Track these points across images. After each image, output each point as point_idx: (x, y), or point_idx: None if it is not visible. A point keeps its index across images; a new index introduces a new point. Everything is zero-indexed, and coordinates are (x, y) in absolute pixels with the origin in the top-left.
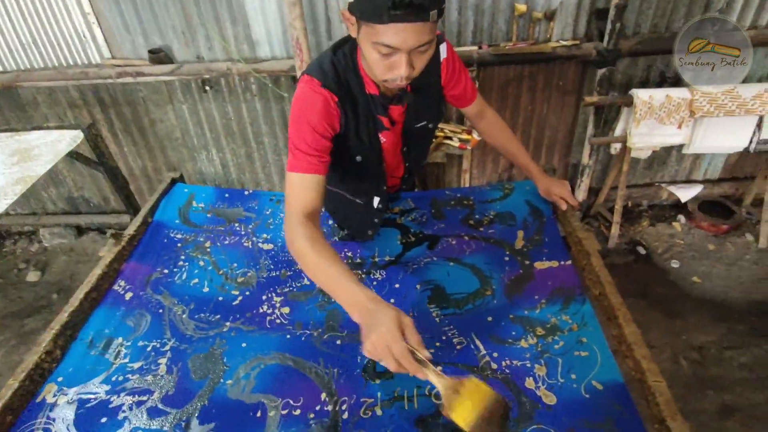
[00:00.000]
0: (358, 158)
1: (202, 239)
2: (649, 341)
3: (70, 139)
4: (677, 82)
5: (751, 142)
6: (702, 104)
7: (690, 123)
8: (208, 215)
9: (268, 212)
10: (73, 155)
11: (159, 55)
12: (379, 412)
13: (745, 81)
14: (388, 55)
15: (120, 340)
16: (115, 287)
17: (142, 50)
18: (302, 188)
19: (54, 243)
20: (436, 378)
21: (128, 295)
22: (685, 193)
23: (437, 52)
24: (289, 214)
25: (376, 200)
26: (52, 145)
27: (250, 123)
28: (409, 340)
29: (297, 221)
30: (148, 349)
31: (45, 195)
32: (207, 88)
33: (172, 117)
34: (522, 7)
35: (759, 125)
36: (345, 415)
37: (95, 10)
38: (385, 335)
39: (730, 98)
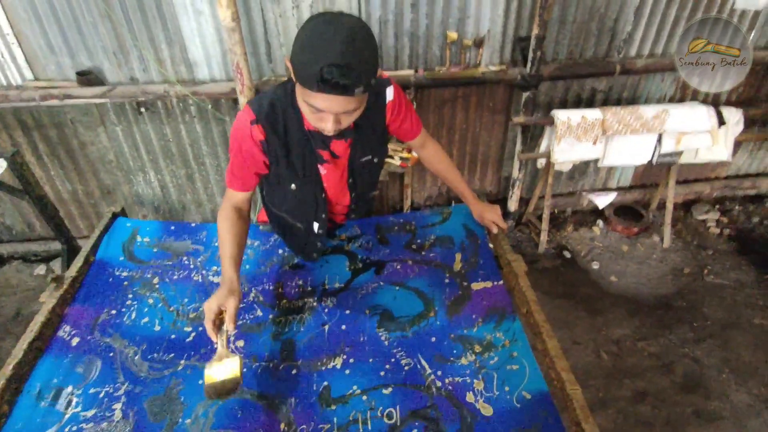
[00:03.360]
0: (293, 186)
1: (149, 276)
2: (575, 338)
3: None
4: (591, 103)
5: (653, 155)
6: (612, 123)
7: (603, 140)
8: (155, 250)
9: (216, 244)
10: None
11: (88, 77)
12: None
13: (646, 102)
14: (317, 113)
15: (70, 388)
16: (60, 333)
17: (68, 71)
18: (231, 195)
19: None
20: (219, 346)
21: (75, 341)
22: (602, 200)
23: (383, 95)
24: (223, 202)
25: (315, 225)
26: None
27: (190, 144)
28: (226, 314)
29: (225, 207)
30: (101, 395)
31: None
32: (142, 110)
33: (105, 139)
34: (453, 35)
35: (659, 141)
36: None
37: (15, 31)
38: (209, 303)
39: (634, 118)
